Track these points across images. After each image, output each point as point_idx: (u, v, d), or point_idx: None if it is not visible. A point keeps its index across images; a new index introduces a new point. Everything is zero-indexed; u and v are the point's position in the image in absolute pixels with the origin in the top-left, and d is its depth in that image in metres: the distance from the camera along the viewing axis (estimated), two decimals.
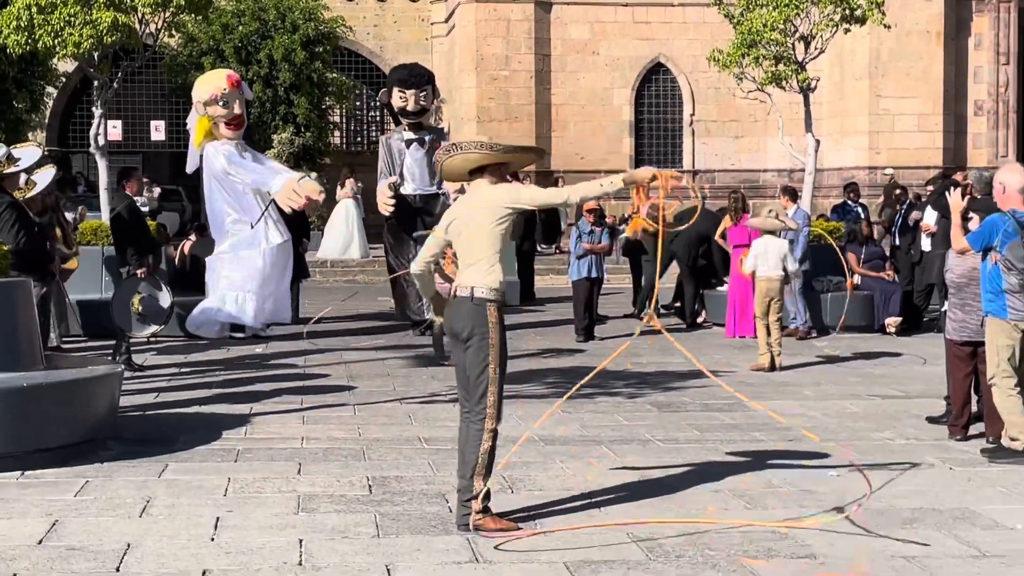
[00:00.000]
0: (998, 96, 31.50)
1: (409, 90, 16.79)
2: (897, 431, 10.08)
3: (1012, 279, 8.93)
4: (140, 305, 13.00)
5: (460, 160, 7.08)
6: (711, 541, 6.77)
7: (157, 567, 6.19)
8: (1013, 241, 8.94)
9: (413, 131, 17.11)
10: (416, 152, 16.98)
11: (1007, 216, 9.02)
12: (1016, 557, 6.48)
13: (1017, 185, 9.14)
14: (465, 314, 6.89)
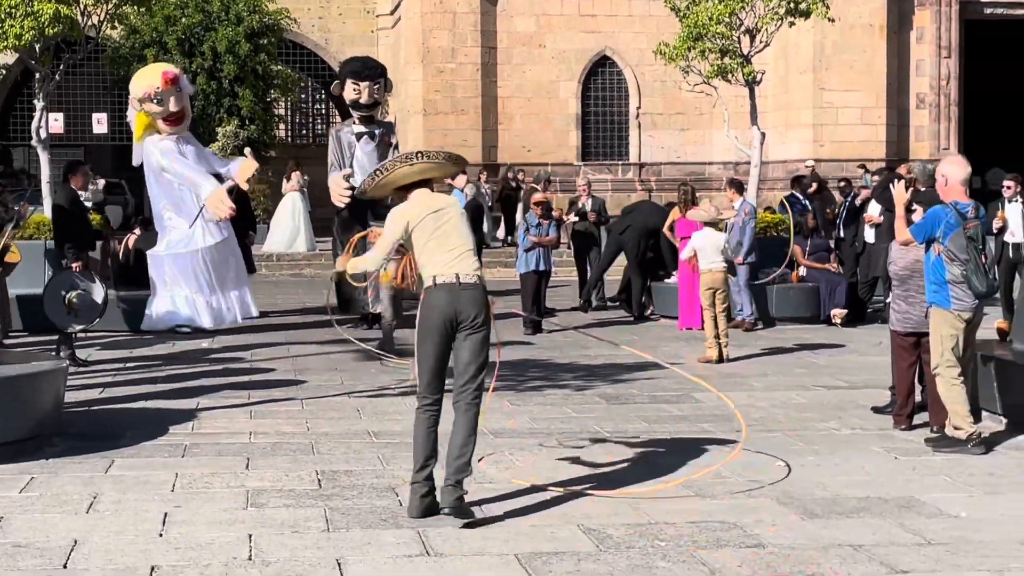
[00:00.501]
0: (940, 89, 31.79)
1: (363, 82, 16.74)
2: (843, 421, 10.17)
3: (955, 270, 9.02)
4: (73, 300, 12.84)
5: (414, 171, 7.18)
6: (660, 532, 6.80)
7: (104, 563, 6.14)
8: (955, 232, 9.04)
9: (364, 124, 17.06)
10: (366, 145, 16.93)
11: (949, 208, 9.12)
12: (960, 545, 6.56)
13: (958, 177, 9.25)
14: (475, 300, 7.01)
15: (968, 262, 8.97)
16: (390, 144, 17.31)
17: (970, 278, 8.96)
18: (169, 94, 15.87)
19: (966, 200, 9.19)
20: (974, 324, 9.22)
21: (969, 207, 9.15)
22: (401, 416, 10.24)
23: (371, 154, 17.05)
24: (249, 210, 18.71)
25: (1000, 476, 8.18)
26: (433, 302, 7.05)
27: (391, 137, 17.46)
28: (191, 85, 17.23)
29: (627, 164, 31.97)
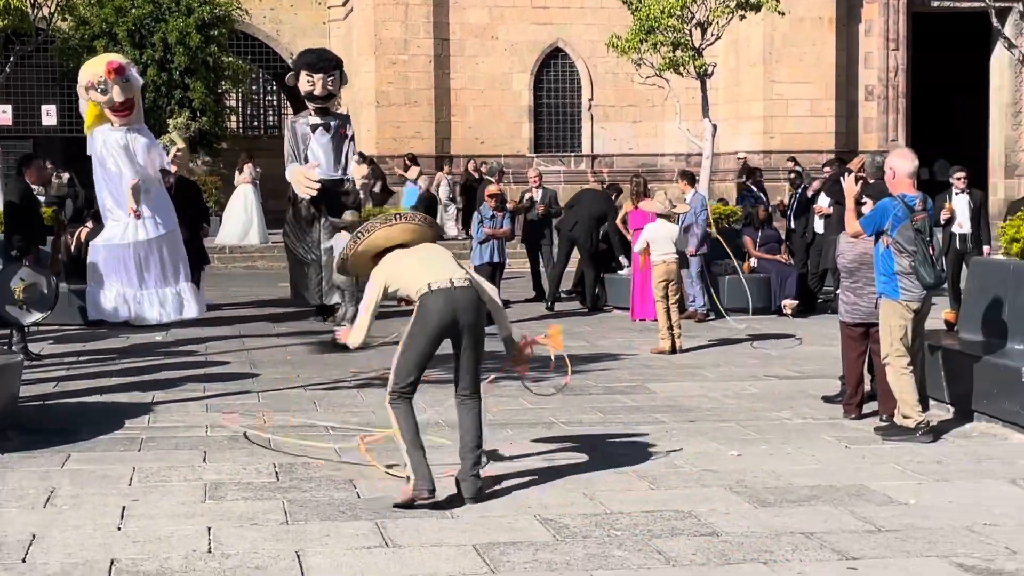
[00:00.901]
0: (888, 81, 32.08)
1: (317, 74, 16.77)
2: (794, 411, 10.30)
3: (904, 261, 9.17)
4: (22, 292, 12.77)
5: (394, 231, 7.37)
6: (615, 521, 6.90)
7: (64, 557, 6.16)
8: (903, 224, 9.19)
9: (319, 116, 17.09)
10: (321, 137, 16.96)
11: (897, 200, 9.27)
12: (910, 532, 6.69)
13: (906, 170, 9.40)
14: (472, 302, 7.28)
15: (916, 253, 9.12)
16: (346, 136, 17.34)
17: (918, 269, 9.12)
18: (114, 84, 15.82)
19: (914, 192, 9.34)
20: (922, 314, 9.38)
21: (917, 199, 9.29)
22: (358, 409, 10.29)
23: (326, 146, 17.07)
24: (202, 202, 18.66)
25: (948, 464, 8.33)
26: (431, 305, 7.21)
27: (347, 129, 17.49)
28: (139, 77, 17.14)
29: (580, 156, 32.06)
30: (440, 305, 7.19)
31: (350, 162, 17.03)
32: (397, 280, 7.37)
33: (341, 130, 17.12)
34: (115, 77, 15.82)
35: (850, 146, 31.70)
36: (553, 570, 6.04)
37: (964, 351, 10.07)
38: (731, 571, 6.03)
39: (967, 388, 9.85)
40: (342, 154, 17.11)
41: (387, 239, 7.40)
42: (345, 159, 17.11)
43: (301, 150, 16.84)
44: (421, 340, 7.30)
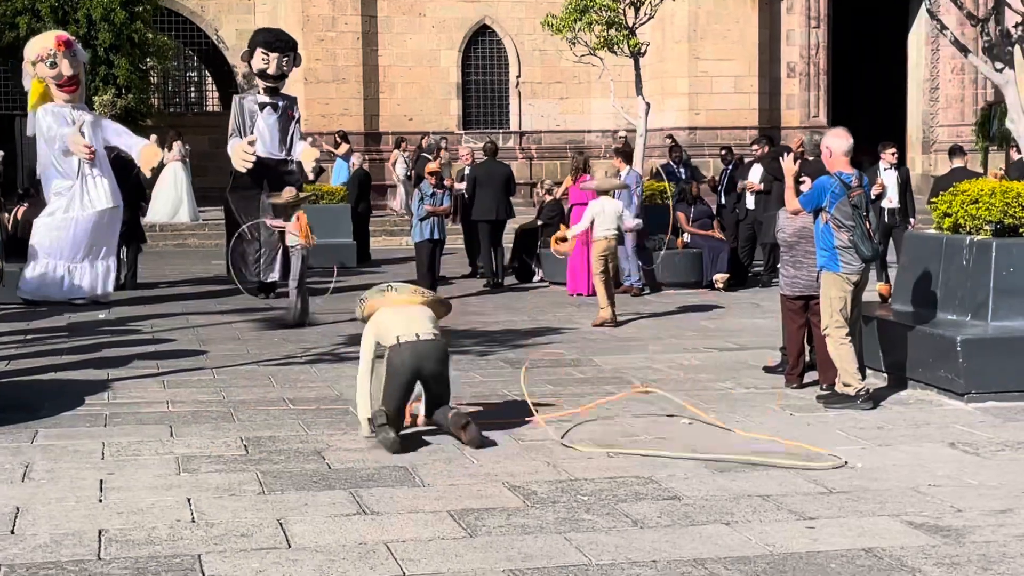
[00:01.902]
0: (810, 58, 32.64)
1: (273, 53, 16.94)
2: (737, 381, 10.66)
3: (843, 236, 9.54)
4: None
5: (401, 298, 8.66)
6: (580, 487, 7.18)
7: (52, 528, 6.32)
8: (840, 201, 9.56)
9: (268, 95, 17.21)
10: (269, 116, 17.11)
11: (834, 178, 9.64)
12: (861, 493, 7.04)
13: (841, 148, 9.77)
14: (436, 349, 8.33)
15: (855, 228, 9.50)
16: (292, 117, 17.50)
17: (857, 243, 9.50)
18: (63, 57, 15.90)
19: (849, 170, 9.71)
20: (861, 286, 9.75)
21: (853, 176, 9.67)
22: (313, 384, 10.49)
23: (272, 126, 17.21)
24: (138, 180, 18.65)
25: (889, 430, 8.72)
26: (399, 358, 8.17)
27: (294, 111, 17.66)
28: (84, 52, 17.17)
29: (508, 132, 32.32)
30: (406, 357, 8.16)
31: (295, 143, 17.17)
32: (382, 336, 8.36)
33: (288, 111, 17.27)
34: (64, 50, 15.88)
35: (773, 122, 32.27)
36: (528, 533, 6.31)
37: (900, 322, 10.47)
38: (696, 532, 6.34)
39: (902, 357, 10.26)
40: (288, 135, 17.25)
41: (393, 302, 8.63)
42: (291, 140, 17.26)
43: (247, 127, 16.94)
44: (395, 391, 8.21)
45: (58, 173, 16.15)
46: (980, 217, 10.21)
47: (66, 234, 15.80)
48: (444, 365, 8.41)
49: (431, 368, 8.28)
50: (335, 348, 12.48)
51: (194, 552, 5.96)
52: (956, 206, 10.49)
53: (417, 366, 8.20)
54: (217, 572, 5.69)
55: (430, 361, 8.26)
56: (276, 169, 16.91)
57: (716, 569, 5.75)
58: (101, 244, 16.11)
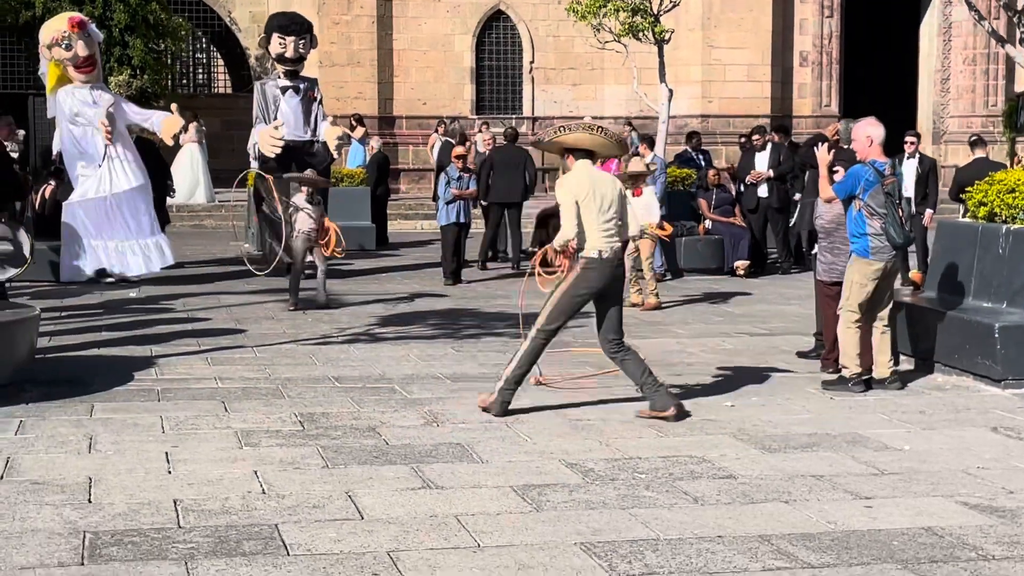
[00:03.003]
0: (822, 48, 32.78)
1: (289, 37, 17.06)
2: (772, 365, 10.80)
3: (875, 223, 9.68)
4: None
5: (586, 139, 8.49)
6: (636, 465, 7.33)
7: (127, 498, 6.46)
8: (873, 189, 9.71)
9: (288, 78, 17.32)
10: (291, 99, 17.22)
11: (868, 166, 9.78)
12: (912, 475, 7.19)
13: (880, 137, 9.91)
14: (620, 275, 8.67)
15: (887, 216, 9.64)
16: (314, 99, 17.60)
17: (888, 230, 9.64)
18: (77, 38, 16.01)
19: (883, 159, 9.86)
20: (890, 272, 9.88)
21: (886, 165, 9.82)
22: (355, 363, 10.63)
23: (296, 108, 17.32)
24: (163, 162, 18.76)
25: (930, 414, 8.87)
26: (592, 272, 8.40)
27: (315, 92, 17.76)
28: (99, 32, 17.27)
29: (521, 117, 32.40)
30: (598, 275, 8.42)
31: (319, 124, 17.29)
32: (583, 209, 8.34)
33: (310, 93, 17.38)
34: (78, 31, 15.98)
35: (785, 111, 32.41)
36: (592, 508, 6.45)
37: (935, 308, 10.60)
38: (757, 509, 6.48)
39: (933, 343, 10.41)
40: (311, 116, 17.37)
41: (576, 142, 8.49)
42: (314, 121, 17.38)
43: (271, 111, 17.05)
44: (574, 303, 8.59)
45: (81, 154, 16.27)
46: (1016, 206, 10.35)
47: (98, 213, 15.93)
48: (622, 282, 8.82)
49: (615, 288, 8.60)
50: (369, 328, 12.62)
51: (270, 522, 6.10)
52: (992, 195, 10.63)
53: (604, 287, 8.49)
54: (296, 541, 5.83)
55: (617, 282, 8.60)
56: (302, 151, 17.04)
57: (782, 545, 5.90)
58: (137, 221, 16.23)
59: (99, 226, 16.02)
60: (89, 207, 16.07)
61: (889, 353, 9.90)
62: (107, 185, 16.09)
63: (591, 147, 8.59)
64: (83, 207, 16.02)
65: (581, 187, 8.40)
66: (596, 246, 8.42)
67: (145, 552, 5.63)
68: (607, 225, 8.44)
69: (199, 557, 5.58)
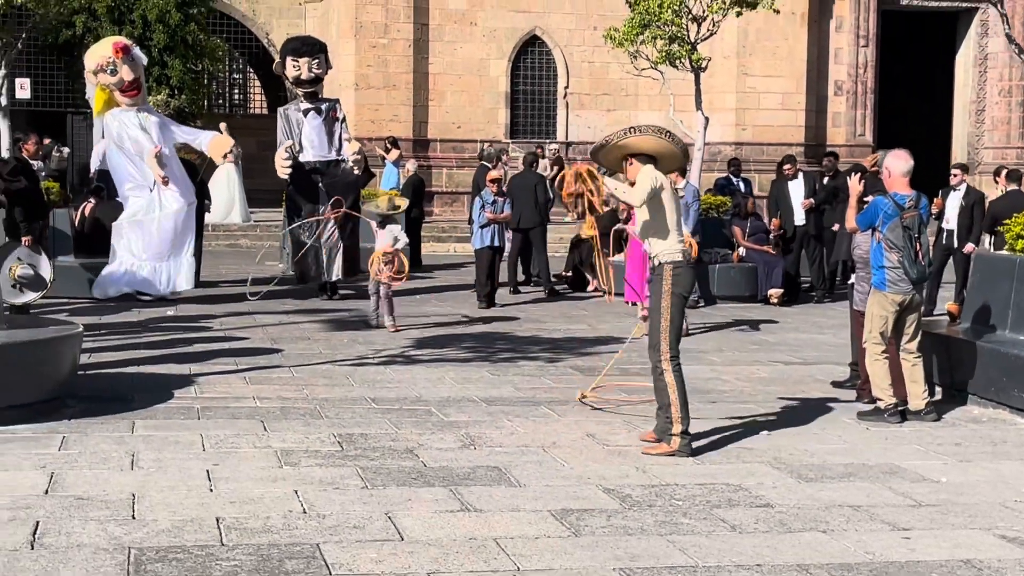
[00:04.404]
0: (857, 77, 32.77)
1: (301, 58, 17.20)
2: (807, 394, 10.81)
3: (892, 256, 9.72)
4: (16, 272, 13.05)
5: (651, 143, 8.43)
6: (674, 492, 7.36)
7: (170, 515, 6.53)
8: (893, 221, 9.74)
9: (309, 100, 17.45)
10: (314, 120, 17.34)
11: (888, 199, 9.81)
12: (949, 507, 7.20)
13: (900, 170, 9.94)
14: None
15: (904, 250, 9.68)
16: (336, 119, 17.73)
17: (904, 265, 9.67)
18: (122, 63, 16.21)
19: (906, 191, 9.87)
20: (911, 307, 9.88)
21: (908, 198, 9.83)
22: (391, 385, 10.69)
23: (319, 128, 17.44)
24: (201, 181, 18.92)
25: (966, 446, 8.87)
26: (685, 279, 8.39)
27: (337, 112, 17.87)
28: (144, 56, 17.47)
29: (554, 142, 32.49)
30: (690, 280, 8.50)
31: (344, 143, 17.42)
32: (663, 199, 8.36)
33: (332, 113, 17.50)
34: (122, 56, 16.19)
35: (819, 140, 32.42)
36: (630, 534, 6.49)
37: (971, 340, 10.59)
38: (795, 538, 6.50)
39: (968, 375, 10.40)
40: (335, 136, 17.49)
41: (635, 146, 8.42)
42: (339, 141, 17.49)
43: (295, 136, 17.18)
44: (679, 313, 8.43)
45: (131, 177, 16.46)
46: None
47: (150, 234, 16.09)
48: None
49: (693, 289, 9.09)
50: (405, 350, 12.69)
51: (312, 541, 6.16)
52: None
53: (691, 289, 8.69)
54: (337, 560, 5.89)
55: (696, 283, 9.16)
56: (329, 171, 17.17)
57: (819, 575, 5.92)
58: (180, 241, 16.41)
59: (149, 246, 16.19)
60: (138, 227, 16.23)
61: (923, 384, 9.91)
62: (156, 206, 16.27)
63: (654, 152, 8.46)
64: (132, 227, 16.19)
65: (661, 181, 8.39)
66: (677, 248, 8.41)
67: (189, 569, 5.69)
68: (680, 229, 8.50)
69: (242, 575, 5.64)
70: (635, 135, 8.41)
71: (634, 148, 8.44)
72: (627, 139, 8.42)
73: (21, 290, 13.19)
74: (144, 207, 16.33)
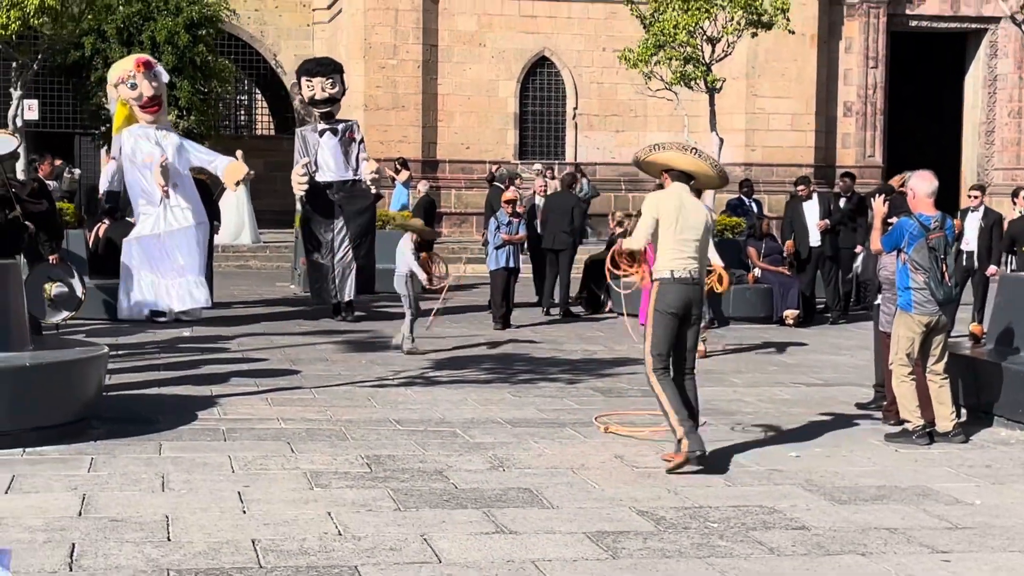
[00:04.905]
0: (866, 98, 32.79)
1: (315, 78, 17.19)
2: (832, 416, 10.75)
3: (918, 277, 9.68)
4: (52, 292, 13.08)
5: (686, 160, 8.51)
6: (708, 515, 7.31)
7: (206, 536, 6.49)
8: (918, 243, 9.71)
9: (325, 120, 17.44)
10: (330, 141, 17.32)
11: (913, 220, 9.78)
12: (986, 529, 7.15)
13: (925, 191, 9.92)
14: (699, 296, 8.61)
15: (930, 271, 9.65)
16: (354, 139, 17.71)
17: (931, 286, 9.64)
18: (143, 78, 16.23)
19: (931, 212, 9.85)
20: (937, 328, 9.84)
21: (933, 219, 9.80)
22: (413, 406, 10.65)
23: (335, 148, 17.42)
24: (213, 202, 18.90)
25: (997, 468, 8.81)
26: (669, 296, 8.44)
27: (355, 133, 17.86)
28: (165, 73, 17.50)
29: (563, 163, 32.49)
30: (677, 295, 8.42)
31: (361, 164, 17.40)
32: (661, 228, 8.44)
33: (349, 133, 17.48)
34: (144, 71, 16.21)
35: (828, 161, 32.43)
36: (668, 556, 6.44)
37: (994, 361, 10.54)
38: (834, 561, 6.45)
39: (994, 396, 10.35)
40: (352, 156, 17.47)
41: (668, 160, 8.57)
42: (356, 161, 17.48)
43: (312, 156, 17.16)
44: (661, 329, 8.50)
45: (143, 192, 16.46)
46: None
47: (156, 251, 16.08)
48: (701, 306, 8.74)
49: (695, 312, 8.57)
50: (424, 372, 12.66)
51: (350, 563, 6.12)
52: None
53: (686, 309, 8.48)
54: None
55: (696, 306, 8.55)
56: (346, 191, 17.16)
57: None
58: (189, 260, 16.37)
59: (154, 263, 16.18)
60: (146, 244, 16.23)
61: (951, 405, 9.87)
62: (162, 223, 16.26)
63: (686, 168, 8.57)
64: (140, 243, 16.18)
65: (664, 206, 8.46)
66: (668, 266, 8.48)
67: None
68: (684, 247, 8.47)
69: None
70: (659, 151, 8.61)
71: (661, 163, 8.59)
72: (654, 155, 8.60)
73: (56, 308, 13.21)
74: (152, 224, 16.33)
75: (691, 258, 8.53)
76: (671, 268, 8.48)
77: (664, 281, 8.49)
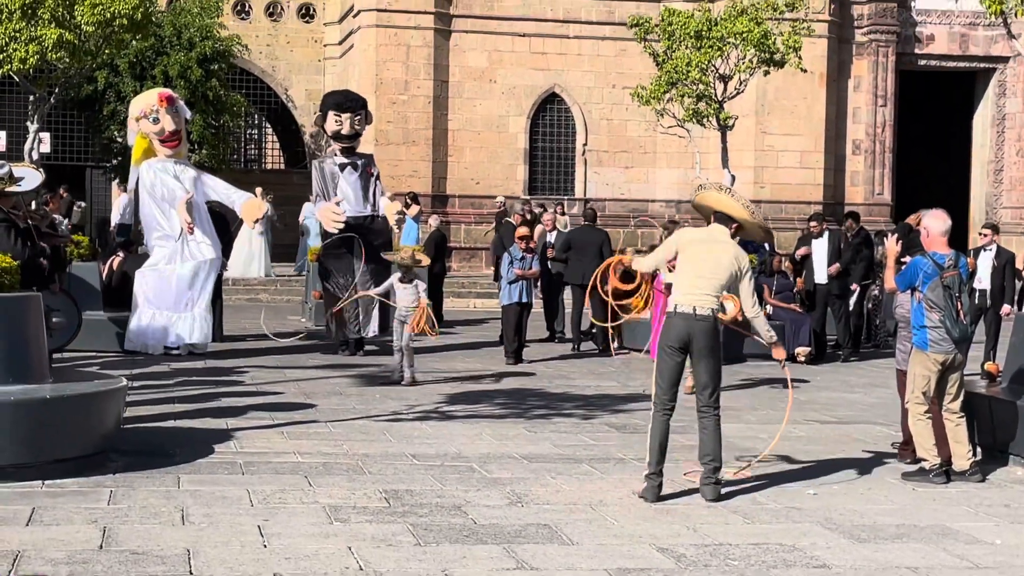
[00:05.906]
0: (875, 136, 32.91)
1: (344, 114, 17.18)
2: (847, 453, 10.76)
3: (933, 316, 9.69)
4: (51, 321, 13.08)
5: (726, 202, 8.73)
6: (728, 552, 7.31)
7: (227, 571, 6.49)
8: (932, 281, 9.73)
9: (345, 155, 17.47)
10: (350, 176, 17.33)
11: (927, 259, 9.81)
12: (1008, 569, 7.14)
13: (938, 230, 9.95)
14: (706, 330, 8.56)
15: (945, 309, 9.66)
16: (371, 174, 17.74)
17: (946, 324, 9.65)
18: (165, 112, 16.33)
19: (945, 251, 9.88)
20: (953, 366, 9.84)
21: (947, 258, 9.83)
22: (429, 441, 10.65)
23: (354, 184, 17.44)
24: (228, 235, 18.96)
25: (1016, 507, 8.80)
26: (669, 330, 8.58)
27: (372, 168, 17.90)
28: (187, 109, 17.60)
29: (573, 199, 32.61)
30: (677, 329, 8.51)
31: (378, 199, 17.43)
32: (681, 261, 8.70)
33: (367, 168, 17.53)
34: (166, 106, 16.31)
35: (837, 198, 32.50)
36: None
37: (1011, 400, 10.53)
38: None
39: (1010, 435, 10.33)
40: (370, 192, 17.51)
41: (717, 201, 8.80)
42: (374, 197, 17.51)
43: (330, 189, 17.19)
44: (663, 362, 8.67)
45: (159, 226, 16.52)
46: None
47: (168, 284, 16.13)
48: (714, 340, 8.63)
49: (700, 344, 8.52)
50: (438, 406, 12.66)
51: None
52: None
53: (685, 339, 8.51)
54: None
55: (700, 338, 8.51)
56: (363, 227, 17.18)
57: None
58: (201, 294, 16.42)
59: (165, 296, 16.21)
60: (159, 276, 16.27)
61: (967, 444, 9.86)
62: (178, 257, 16.32)
63: (727, 212, 8.75)
64: (154, 276, 16.22)
65: (689, 241, 8.65)
66: (675, 300, 8.62)
67: None
68: (698, 285, 8.54)
69: None
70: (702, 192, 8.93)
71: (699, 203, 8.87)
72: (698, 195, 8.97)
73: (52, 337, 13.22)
74: (167, 257, 16.38)
75: (704, 295, 8.57)
76: (676, 302, 8.61)
77: (668, 315, 8.66)
